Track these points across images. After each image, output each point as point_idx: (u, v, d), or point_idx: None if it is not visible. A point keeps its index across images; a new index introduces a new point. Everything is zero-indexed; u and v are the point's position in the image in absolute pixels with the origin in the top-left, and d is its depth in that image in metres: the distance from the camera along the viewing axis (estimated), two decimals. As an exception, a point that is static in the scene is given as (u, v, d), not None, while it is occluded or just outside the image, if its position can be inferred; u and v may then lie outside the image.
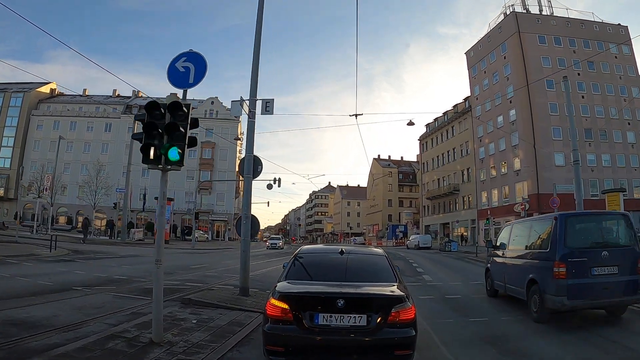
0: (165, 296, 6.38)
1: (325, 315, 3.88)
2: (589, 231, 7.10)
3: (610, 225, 7.33)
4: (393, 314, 3.89)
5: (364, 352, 3.92)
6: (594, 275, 6.46)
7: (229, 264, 16.29)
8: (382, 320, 3.87)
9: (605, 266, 6.50)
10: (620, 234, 7.03)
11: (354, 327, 3.87)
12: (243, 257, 8.38)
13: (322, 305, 3.92)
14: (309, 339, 3.86)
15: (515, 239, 8.37)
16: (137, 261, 16.15)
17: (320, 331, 3.86)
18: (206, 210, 57.61)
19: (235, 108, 8.99)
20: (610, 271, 6.52)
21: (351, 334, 3.86)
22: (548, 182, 37.98)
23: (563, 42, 43.46)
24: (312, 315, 3.90)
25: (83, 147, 61.15)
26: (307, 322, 3.89)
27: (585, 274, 6.44)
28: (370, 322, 3.87)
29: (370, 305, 3.99)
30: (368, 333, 3.86)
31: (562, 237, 6.59)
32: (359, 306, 3.94)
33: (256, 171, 8.74)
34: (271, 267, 16.00)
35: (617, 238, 7.06)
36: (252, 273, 12.92)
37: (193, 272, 13.22)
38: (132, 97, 67.49)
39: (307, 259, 4.99)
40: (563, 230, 6.63)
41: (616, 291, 6.47)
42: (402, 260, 22.64)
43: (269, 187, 32.61)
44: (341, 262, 4.75)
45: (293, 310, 3.92)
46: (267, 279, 11.73)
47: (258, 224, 8.63)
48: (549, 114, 39.75)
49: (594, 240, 6.93)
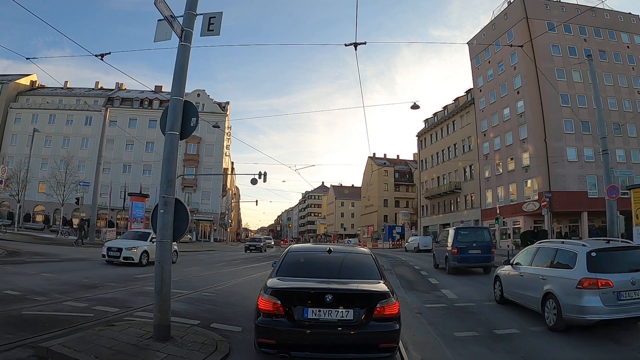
0: (17, 335, 4.54)
1: (315, 310, 4.02)
2: (469, 235, 15.26)
3: (481, 232, 15.87)
4: (378, 309, 4.05)
5: (351, 345, 4.02)
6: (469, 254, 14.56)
7: (191, 273, 12.83)
8: (368, 314, 4.03)
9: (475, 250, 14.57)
10: (485, 236, 15.34)
11: (342, 321, 4.01)
12: (159, 273, 4.86)
13: (311, 300, 4.06)
14: (299, 332, 4.00)
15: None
16: (72, 267, 12.59)
17: (310, 325, 4.01)
18: (191, 210, 53.85)
19: (161, 31, 5.48)
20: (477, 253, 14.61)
21: (339, 327, 4.01)
22: (560, 179, 34.96)
23: (573, 30, 40.44)
24: (302, 310, 4.04)
25: (62, 141, 57.27)
26: (298, 316, 4.03)
27: (464, 253, 14.48)
28: (357, 316, 4.02)
29: (357, 300, 4.12)
30: (355, 327, 4.00)
31: (455, 239, 14.79)
32: (346, 301, 4.06)
33: (187, 126, 5.29)
34: (244, 278, 12.53)
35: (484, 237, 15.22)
36: (211, 287, 9.49)
37: (129, 285, 9.69)
38: (115, 90, 63.90)
39: (296, 257, 5.12)
40: (457, 235, 14.96)
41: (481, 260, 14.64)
42: (405, 266, 19.21)
43: (254, 182, 29.10)
44: (329, 260, 4.91)
45: (284, 305, 4.04)
46: (227, 299, 8.33)
47: (187, 214, 5.14)
48: (560, 105, 36.62)
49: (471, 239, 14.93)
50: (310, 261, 5.02)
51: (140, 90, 63.26)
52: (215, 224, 56.71)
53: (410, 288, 10.87)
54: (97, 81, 66.31)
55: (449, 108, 52.11)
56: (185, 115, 5.30)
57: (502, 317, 7.18)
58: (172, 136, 5.19)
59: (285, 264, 4.87)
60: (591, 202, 35.50)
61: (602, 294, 5.56)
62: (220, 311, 7.07)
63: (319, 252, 5.31)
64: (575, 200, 33.76)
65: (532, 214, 35.75)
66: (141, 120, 57.19)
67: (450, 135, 50.85)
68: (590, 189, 36.27)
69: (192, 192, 54.57)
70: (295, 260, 5.00)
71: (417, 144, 60.30)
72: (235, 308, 7.43)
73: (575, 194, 34.04)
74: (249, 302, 8.02)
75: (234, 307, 7.50)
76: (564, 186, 34.67)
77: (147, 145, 55.25)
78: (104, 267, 13.26)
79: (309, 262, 4.97)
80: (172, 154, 5.16)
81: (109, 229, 33.68)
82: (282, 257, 5.10)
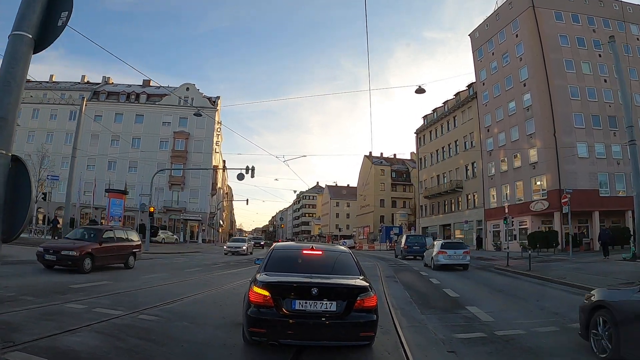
0: None
1: (302, 302, 4.29)
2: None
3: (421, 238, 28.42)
4: (359, 301, 4.33)
5: (335, 333, 4.31)
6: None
7: (148, 282, 10.34)
8: (349, 306, 4.31)
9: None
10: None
11: (326, 311, 4.30)
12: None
13: (298, 293, 4.33)
14: (287, 322, 4.25)
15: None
16: (3, 272, 9.95)
17: (297, 315, 4.27)
18: (178, 209, 51.24)
19: None
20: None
21: (323, 317, 4.29)
22: (571, 176, 32.70)
23: (581, 20, 38.28)
24: (290, 302, 4.29)
25: (45, 136, 54.38)
26: (286, 308, 4.27)
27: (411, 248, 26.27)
28: (339, 307, 4.30)
29: (340, 293, 4.40)
30: (338, 317, 4.29)
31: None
32: (330, 294, 4.35)
33: (51, 25, 2.79)
34: (213, 290, 10.01)
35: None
36: (160, 305, 7.01)
37: (52, 300, 7.13)
38: (102, 84, 61.08)
39: (282, 254, 5.41)
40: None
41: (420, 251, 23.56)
42: (410, 271, 16.76)
43: (240, 178, 26.58)
44: (312, 257, 5.19)
45: (274, 297, 4.28)
46: (171, 328, 5.86)
47: (28, 179, 2.62)
48: (569, 98, 34.40)
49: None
50: (295, 258, 5.24)
51: (128, 85, 60.66)
52: (204, 224, 54.00)
53: (426, 304, 8.37)
54: (83, 75, 63.49)
55: (450, 103, 49.75)
56: (50, 5, 2.82)
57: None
58: (17, 39, 2.69)
59: (272, 260, 5.15)
60: (603, 201, 33.45)
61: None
62: (148, 352, 4.56)
63: (303, 249, 5.47)
64: (586, 199, 31.50)
65: (541, 213, 33.48)
66: (127, 116, 54.49)
67: (451, 131, 48.49)
68: (602, 187, 34.31)
69: (179, 190, 51.85)
70: (281, 257, 5.30)
71: (416, 141, 57.92)
72: (174, 344, 4.91)
73: (586, 193, 31.82)
74: (203, 332, 5.51)
75: (174, 342, 4.98)
76: (575, 184, 32.32)
77: (133, 141, 52.61)
78: (41, 273, 10.68)
79: (293, 259, 5.20)
80: (13, 69, 2.65)
81: (84, 229, 30.87)
82: (268, 254, 5.42)
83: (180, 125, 53.53)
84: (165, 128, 53.41)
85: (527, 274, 13.85)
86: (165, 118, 53.90)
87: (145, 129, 53.51)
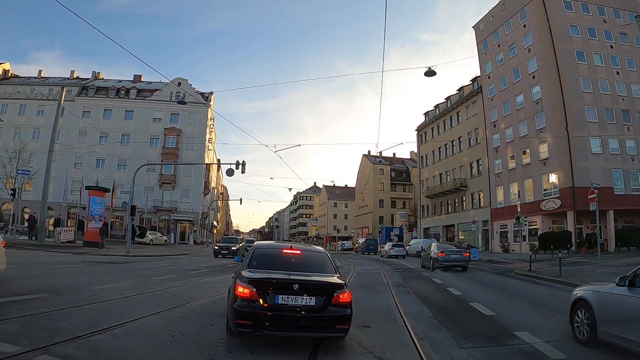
0: None
1: (284, 296, 4.62)
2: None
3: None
4: (335, 297, 4.68)
5: (313, 325, 4.64)
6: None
7: (100, 294, 8.22)
8: (327, 301, 4.65)
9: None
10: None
11: (306, 306, 4.63)
12: None
13: (281, 289, 4.66)
14: (271, 314, 4.56)
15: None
16: None
17: (280, 308, 4.59)
18: (169, 209, 48.98)
19: None
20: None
21: (303, 311, 4.61)
22: (584, 173, 30.68)
23: (592, 10, 36.33)
24: (273, 296, 4.62)
25: (32, 133, 52.14)
26: (270, 301, 4.59)
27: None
28: (318, 302, 4.64)
29: (319, 289, 4.74)
30: (316, 311, 4.62)
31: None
32: (310, 290, 4.68)
33: None
34: (181, 306, 7.87)
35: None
36: (87, 336, 4.81)
37: None
38: (92, 79, 58.85)
39: (263, 252, 5.71)
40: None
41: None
42: (421, 279, 14.64)
43: (229, 174, 24.46)
44: (292, 256, 5.53)
45: (259, 292, 4.59)
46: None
47: None
48: (581, 90, 32.43)
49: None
50: (276, 256, 5.54)
51: (118, 80, 58.44)
52: (196, 224, 51.77)
53: (457, 328, 6.26)
54: (72, 70, 61.10)
55: (453, 99, 47.75)
56: None
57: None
58: None
59: (254, 258, 5.45)
60: (618, 200, 31.48)
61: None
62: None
63: (283, 249, 5.75)
64: (600, 197, 29.48)
65: (552, 212, 31.48)
66: (116, 112, 52.28)
67: (454, 128, 46.46)
68: (616, 185, 32.33)
69: (170, 189, 49.60)
70: (262, 255, 5.58)
71: (417, 138, 55.86)
72: None
73: (600, 190, 29.78)
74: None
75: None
76: (588, 181, 30.35)
77: (123, 137, 50.35)
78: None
79: (274, 257, 5.51)
80: None
81: (63, 229, 28.66)
82: (250, 252, 5.67)
83: (172, 122, 51.35)
84: (155, 124, 51.22)
85: (560, 280, 11.80)
86: (156, 114, 51.71)
87: (135, 125, 51.29)
